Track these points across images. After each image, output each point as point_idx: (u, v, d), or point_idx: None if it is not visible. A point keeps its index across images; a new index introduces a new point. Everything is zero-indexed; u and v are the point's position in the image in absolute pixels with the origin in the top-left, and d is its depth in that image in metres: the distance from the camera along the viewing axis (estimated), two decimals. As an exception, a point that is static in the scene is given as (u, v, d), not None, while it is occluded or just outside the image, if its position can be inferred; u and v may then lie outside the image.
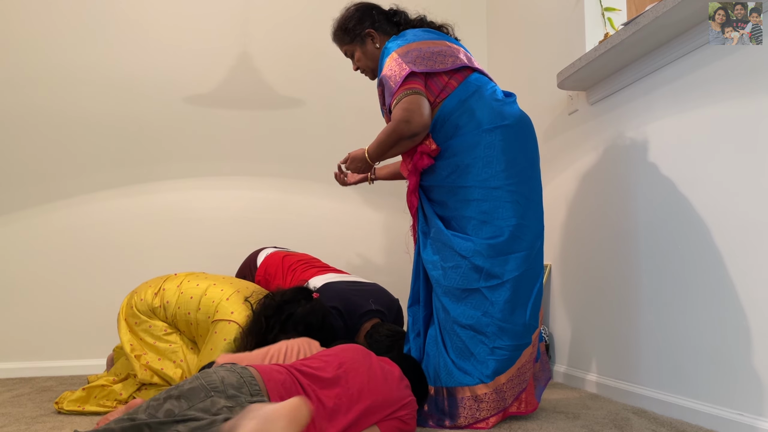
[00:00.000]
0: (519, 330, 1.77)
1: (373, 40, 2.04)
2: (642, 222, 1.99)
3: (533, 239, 1.81)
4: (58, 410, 1.98)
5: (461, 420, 1.74)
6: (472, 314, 1.75)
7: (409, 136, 1.80)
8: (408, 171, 1.91)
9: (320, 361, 1.47)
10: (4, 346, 2.84)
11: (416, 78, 1.81)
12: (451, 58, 1.86)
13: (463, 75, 1.87)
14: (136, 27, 3.10)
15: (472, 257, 1.75)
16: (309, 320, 2.00)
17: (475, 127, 1.82)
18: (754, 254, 1.54)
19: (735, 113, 1.62)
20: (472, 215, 1.79)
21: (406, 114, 1.77)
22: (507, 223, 1.77)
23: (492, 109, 1.83)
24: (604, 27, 2.33)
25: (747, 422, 1.52)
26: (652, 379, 1.91)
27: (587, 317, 2.32)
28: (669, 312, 1.84)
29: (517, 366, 1.78)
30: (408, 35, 1.92)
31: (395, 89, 1.81)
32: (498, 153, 1.79)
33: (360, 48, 2.07)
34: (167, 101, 3.10)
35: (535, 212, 1.84)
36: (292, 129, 3.21)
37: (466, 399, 1.74)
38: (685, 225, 1.79)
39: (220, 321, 1.99)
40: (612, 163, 2.18)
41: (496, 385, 1.74)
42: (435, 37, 1.93)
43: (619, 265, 2.11)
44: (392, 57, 1.86)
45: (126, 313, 2.10)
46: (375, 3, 2.12)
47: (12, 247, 2.91)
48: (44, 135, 2.99)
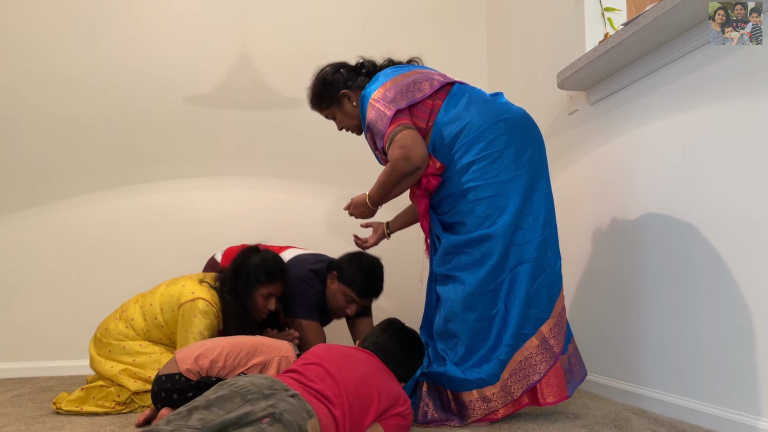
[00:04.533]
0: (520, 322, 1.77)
1: (350, 99, 2.05)
2: (642, 222, 1.99)
3: (542, 228, 1.80)
4: (57, 410, 1.98)
5: (470, 420, 1.76)
6: (483, 315, 1.77)
7: (411, 172, 1.82)
8: (417, 197, 1.92)
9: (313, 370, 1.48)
10: (4, 346, 2.84)
11: (401, 114, 1.83)
12: (427, 83, 1.88)
13: (445, 92, 1.90)
14: (136, 27, 3.10)
15: (469, 286, 1.78)
16: (266, 267, 2.11)
17: (475, 128, 1.82)
18: (755, 254, 1.54)
19: (735, 113, 1.62)
20: (487, 213, 1.79)
21: (404, 151, 1.79)
22: (510, 215, 1.77)
23: (485, 108, 1.85)
24: (604, 27, 2.33)
25: (747, 422, 1.52)
26: (652, 379, 1.91)
27: (587, 317, 2.31)
28: (669, 312, 1.84)
29: (519, 358, 1.77)
30: (379, 77, 1.94)
31: (384, 131, 1.83)
32: (501, 147, 1.80)
33: (339, 110, 2.09)
34: (167, 101, 3.10)
35: (545, 200, 1.83)
36: (292, 129, 3.21)
37: (475, 401, 1.75)
38: (686, 225, 1.78)
39: (184, 304, 2.04)
40: (612, 163, 2.18)
41: (501, 382, 1.75)
42: (405, 70, 1.95)
43: (620, 265, 2.11)
44: (371, 103, 1.88)
45: (97, 350, 2.09)
46: (341, 62, 2.13)
47: (12, 247, 2.91)
48: (44, 135, 2.99)
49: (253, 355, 1.78)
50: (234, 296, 2.08)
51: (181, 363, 1.75)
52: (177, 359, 1.77)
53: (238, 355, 1.76)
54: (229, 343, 1.81)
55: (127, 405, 1.98)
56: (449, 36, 3.40)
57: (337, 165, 3.23)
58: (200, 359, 1.75)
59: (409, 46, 3.31)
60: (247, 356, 1.77)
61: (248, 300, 2.10)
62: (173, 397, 1.75)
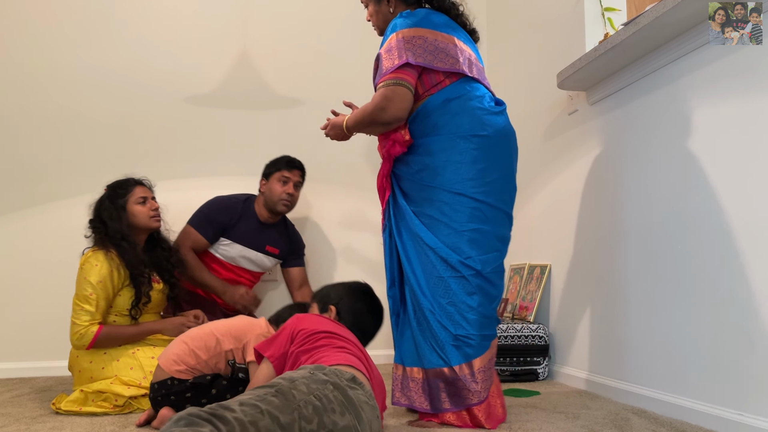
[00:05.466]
0: (484, 321, 1.78)
1: (388, 2, 1.99)
2: (642, 222, 1.99)
3: (498, 245, 1.83)
4: (56, 411, 1.98)
5: (445, 404, 1.75)
6: (440, 301, 1.77)
7: (382, 123, 1.83)
8: (382, 155, 1.93)
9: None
10: (4, 346, 2.84)
11: (409, 69, 1.79)
12: (451, 59, 1.82)
13: (459, 77, 1.85)
14: (136, 27, 3.10)
15: (438, 249, 1.78)
16: (113, 186, 2.30)
17: (453, 130, 1.81)
18: (754, 254, 1.54)
19: (735, 113, 1.62)
20: (434, 215, 1.81)
21: (384, 102, 1.79)
22: (464, 228, 1.78)
23: (474, 116, 1.82)
24: (604, 27, 2.33)
25: (747, 422, 1.52)
26: (653, 379, 1.91)
27: (587, 317, 2.32)
28: (669, 312, 1.84)
29: (488, 357, 1.78)
30: (420, 15, 1.86)
31: (386, 72, 1.80)
32: (469, 161, 1.79)
33: (374, 4, 2.03)
34: (167, 101, 3.10)
35: (501, 221, 1.85)
36: (292, 129, 3.21)
37: (435, 381, 1.76)
38: (686, 225, 1.78)
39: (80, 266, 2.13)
40: (612, 163, 2.18)
41: (462, 372, 1.73)
42: (446, 30, 1.87)
43: (619, 264, 2.11)
44: (396, 36, 1.82)
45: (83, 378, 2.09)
46: None
47: (12, 247, 2.91)
48: (44, 135, 2.99)
49: (226, 341, 1.82)
50: (107, 227, 2.18)
51: (167, 368, 1.77)
52: (161, 365, 1.79)
53: (214, 347, 1.81)
54: (202, 334, 1.84)
55: (126, 407, 1.98)
56: (449, 36, 3.40)
57: (337, 165, 3.23)
58: (181, 363, 1.77)
59: (409, 46, 3.31)
60: (221, 343, 1.82)
61: (123, 216, 2.20)
62: (170, 398, 1.75)
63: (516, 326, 2.51)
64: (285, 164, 2.76)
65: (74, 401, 1.98)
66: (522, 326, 2.51)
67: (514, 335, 2.50)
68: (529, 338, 2.50)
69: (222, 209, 2.71)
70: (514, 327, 2.51)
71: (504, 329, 2.50)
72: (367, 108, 1.84)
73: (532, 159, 2.82)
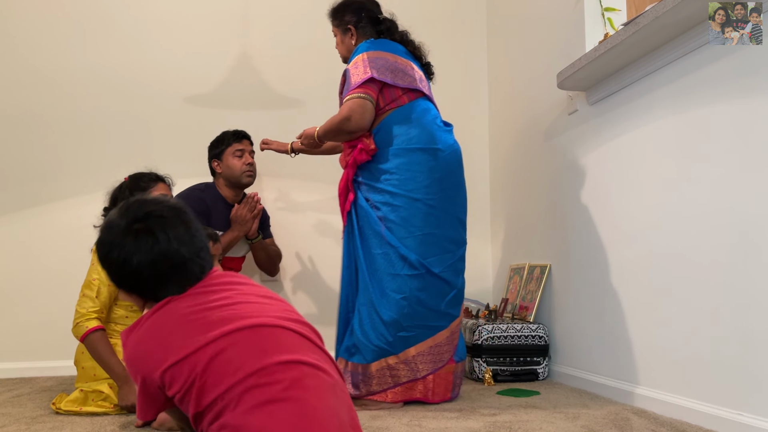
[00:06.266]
0: (431, 314, 2.04)
1: (352, 36, 2.27)
2: (642, 222, 1.99)
3: (454, 247, 2.10)
4: (56, 411, 1.98)
5: (373, 387, 2.01)
6: (392, 295, 2.02)
7: (347, 132, 2.10)
8: (346, 163, 2.17)
9: None
10: (4, 346, 2.84)
11: (373, 84, 2.08)
12: (409, 78, 2.13)
13: (415, 95, 2.14)
14: (136, 27, 3.10)
15: (399, 248, 2.03)
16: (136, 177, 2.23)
17: (409, 141, 2.07)
18: (754, 254, 1.54)
19: (735, 113, 1.62)
20: (394, 219, 2.05)
21: (349, 113, 2.06)
22: (420, 231, 2.04)
23: (430, 132, 2.09)
24: (604, 27, 2.33)
25: (747, 422, 1.52)
26: (653, 379, 1.91)
27: (587, 317, 2.32)
28: (669, 312, 1.84)
29: (429, 344, 2.04)
30: (382, 42, 2.18)
31: (353, 87, 2.08)
32: (425, 170, 2.05)
33: (341, 35, 2.32)
34: (167, 101, 3.10)
35: (453, 225, 2.11)
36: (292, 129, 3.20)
37: (382, 369, 2.01)
38: (686, 225, 1.78)
39: None
40: (612, 163, 2.18)
41: (405, 356, 2.01)
42: (403, 55, 2.18)
43: (619, 264, 2.11)
44: (362, 56, 2.11)
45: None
46: (373, 4, 2.31)
47: (12, 247, 2.91)
48: (44, 135, 2.99)
49: None
50: None
51: None
52: None
53: None
54: None
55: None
56: (449, 36, 3.40)
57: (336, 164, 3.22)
58: None
59: (409, 46, 3.31)
60: None
61: None
62: None
63: (516, 326, 2.51)
64: (233, 138, 2.73)
65: (74, 401, 1.98)
66: (522, 326, 2.51)
67: (514, 335, 2.50)
68: (529, 338, 2.50)
69: (192, 207, 2.56)
70: (514, 327, 2.51)
71: (504, 329, 2.50)
72: (335, 118, 2.11)
73: (532, 159, 2.82)
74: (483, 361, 2.48)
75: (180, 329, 1.00)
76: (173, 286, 1.06)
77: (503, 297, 2.90)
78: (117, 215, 1.07)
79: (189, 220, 1.10)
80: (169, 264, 1.04)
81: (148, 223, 1.05)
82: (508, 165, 3.14)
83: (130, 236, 1.04)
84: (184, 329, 1.00)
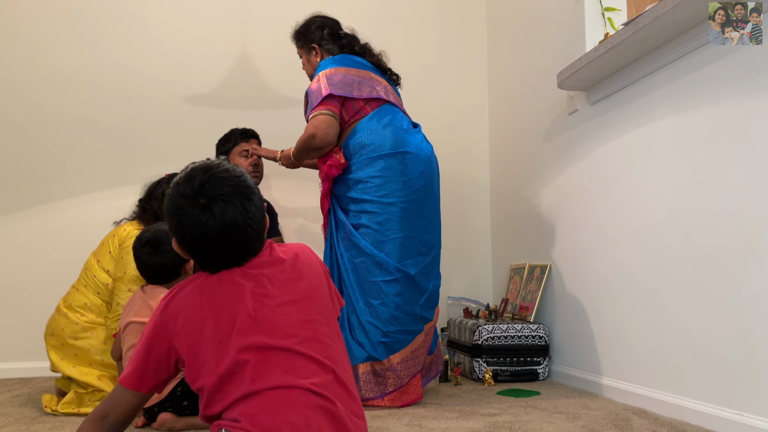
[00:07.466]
0: (409, 319, 2.09)
1: (316, 53, 2.35)
2: (642, 222, 1.99)
3: (426, 249, 2.15)
4: (53, 412, 1.97)
5: (362, 392, 2.02)
6: (371, 302, 2.08)
7: (315, 149, 2.18)
8: (321, 177, 2.24)
9: None
10: (4, 346, 2.84)
11: (333, 100, 2.15)
12: (368, 88, 2.20)
13: (378, 103, 2.20)
14: (136, 27, 3.10)
15: (374, 255, 2.09)
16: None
17: (377, 149, 2.12)
18: (754, 254, 1.54)
19: (735, 113, 1.62)
20: (370, 225, 2.11)
21: (314, 130, 2.13)
22: (397, 235, 2.09)
23: (396, 137, 2.14)
24: (604, 27, 2.33)
25: (747, 422, 1.52)
26: (652, 379, 1.91)
27: (587, 317, 2.32)
28: (669, 312, 1.84)
29: (410, 349, 2.09)
30: (339, 57, 2.26)
31: (314, 105, 2.15)
32: (395, 174, 2.11)
33: (306, 55, 2.40)
34: (167, 101, 3.10)
35: (425, 227, 2.16)
36: (292, 129, 3.19)
37: (365, 374, 2.06)
38: (686, 225, 1.78)
39: (125, 240, 2.12)
40: (612, 163, 2.18)
41: (390, 363, 2.06)
42: (363, 67, 2.26)
43: (619, 264, 2.11)
44: (321, 75, 2.19)
45: (60, 355, 2.08)
46: (332, 20, 2.40)
47: (12, 247, 2.91)
48: (44, 135, 2.98)
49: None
50: (156, 217, 2.17)
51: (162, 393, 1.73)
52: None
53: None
54: None
55: None
56: (449, 36, 3.40)
57: (337, 165, 3.22)
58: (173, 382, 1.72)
59: (410, 46, 3.31)
60: None
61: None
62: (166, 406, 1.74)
63: (516, 326, 2.51)
64: (241, 137, 2.72)
65: (70, 403, 1.97)
66: (522, 326, 2.51)
67: (514, 335, 2.50)
68: (529, 338, 2.50)
69: None
70: (514, 327, 2.51)
71: (504, 329, 2.50)
72: (302, 138, 2.19)
73: (532, 159, 2.82)
74: (483, 361, 2.48)
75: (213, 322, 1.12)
76: (228, 260, 1.16)
77: (503, 297, 2.90)
78: (185, 185, 1.15)
79: (250, 197, 1.17)
80: (225, 239, 1.13)
81: (210, 198, 1.13)
82: (508, 165, 3.14)
83: (197, 209, 1.12)
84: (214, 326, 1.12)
